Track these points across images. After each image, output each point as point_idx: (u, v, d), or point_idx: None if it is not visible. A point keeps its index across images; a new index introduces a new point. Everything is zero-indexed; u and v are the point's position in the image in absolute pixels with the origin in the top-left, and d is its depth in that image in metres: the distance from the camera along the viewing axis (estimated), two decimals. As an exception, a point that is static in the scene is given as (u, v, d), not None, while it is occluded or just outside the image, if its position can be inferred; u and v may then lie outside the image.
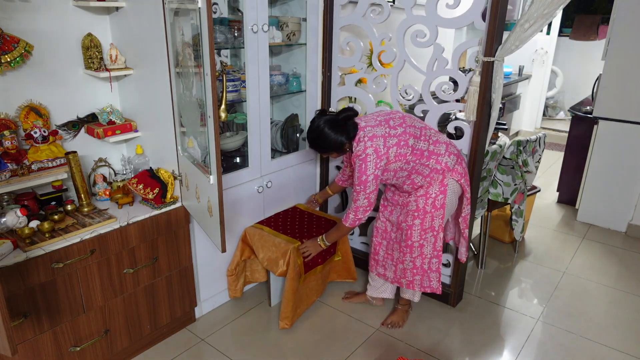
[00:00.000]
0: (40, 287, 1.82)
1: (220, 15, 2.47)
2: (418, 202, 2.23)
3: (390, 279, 2.50)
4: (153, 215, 2.14)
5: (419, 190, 2.22)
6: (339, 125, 2.09)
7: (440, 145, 2.19)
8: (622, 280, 3.02)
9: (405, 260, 2.36)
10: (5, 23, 1.91)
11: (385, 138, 2.07)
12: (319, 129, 2.10)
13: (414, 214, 2.25)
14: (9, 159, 1.96)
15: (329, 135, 2.09)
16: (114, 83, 2.33)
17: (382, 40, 2.53)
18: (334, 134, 2.08)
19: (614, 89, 3.45)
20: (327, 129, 2.08)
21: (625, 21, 3.30)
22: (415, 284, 2.40)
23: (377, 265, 2.54)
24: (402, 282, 2.44)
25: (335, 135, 2.09)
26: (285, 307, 2.44)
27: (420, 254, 2.32)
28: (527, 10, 2.02)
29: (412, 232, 2.27)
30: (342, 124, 2.09)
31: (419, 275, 2.38)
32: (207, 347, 2.38)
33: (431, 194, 2.20)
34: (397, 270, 2.44)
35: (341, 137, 2.09)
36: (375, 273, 2.56)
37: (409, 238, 2.29)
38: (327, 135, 2.09)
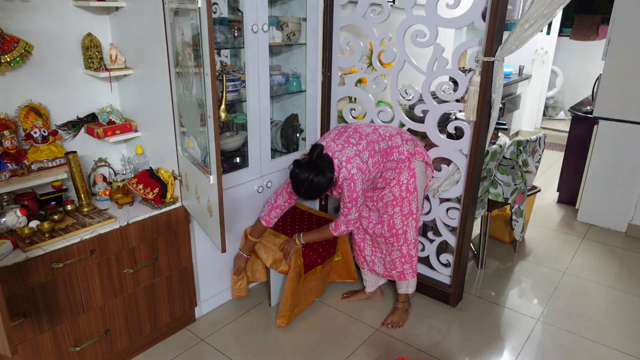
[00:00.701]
0: (40, 287, 1.82)
1: (220, 15, 2.47)
2: (393, 191, 2.29)
3: (381, 274, 2.57)
4: (153, 215, 2.14)
5: (391, 182, 2.28)
6: (319, 166, 2.08)
7: (395, 137, 2.29)
8: (622, 280, 3.02)
9: (393, 251, 2.43)
10: (5, 23, 1.91)
11: (358, 156, 2.15)
12: (307, 180, 2.08)
13: (392, 204, 2.31)
14: (8, 159, 1.96)
15: (319, 180, 2.08)
16: (114, 83, 2.33)
17: (382, 40, 2.53)
18: (322, 177, 2.08)
19: (614, 89, 3.45)
20: (313, 177, 2.07)
21: (625, 21, 3.30)
22: (406, 273, 2.47)
23: (366, 262, 2.59)
24: (393, 275, 2.50)
25: (323, 177, 2.08)
26: (283, 306, 2.44)
27: (405, 240, 2.40)
28: (527, 10, 2.02)
29: (395, 221, 2.34)
30: (319, 163, 2.09)
31: (407, 264, 2.45)
32: (207, 347, 2.38)
33: (403, 180, 2.27)
34: (386, 264, 2.51)
35: (328, 174, 2.09)
36: (367, 269, 2.62)
37: (392, 227, 2.36)
38: (317, 181, 2.08)
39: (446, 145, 2.47)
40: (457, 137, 2.48)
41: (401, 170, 2.27)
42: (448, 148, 2.47)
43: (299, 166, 2.11)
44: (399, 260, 2.44)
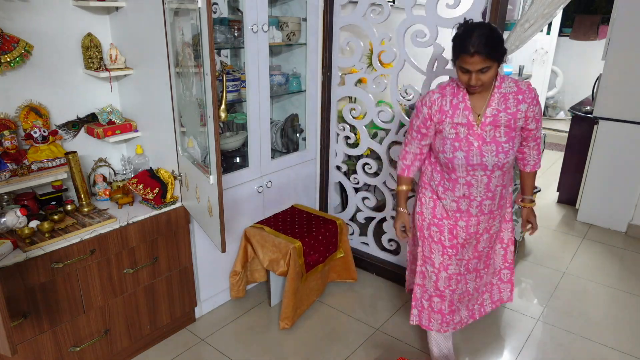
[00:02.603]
0: (40, 287, 1.82)
1: (220, 15, 2.47)
2: (505, 213, 2.14)
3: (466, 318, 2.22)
4: (153, 215, 2.14)
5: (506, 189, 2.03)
6: None
7: None
8: (622, 280, 3.02)
9: (502, 272, 2.25)
10: (5, 23, 1.91)
11: None
12: (488, 25, 1.68)
13: (503, 220, 2.14)
14: (8, 159, 1.96)
15: (500, 33, 1.68)
16: (114, 83, 2.33)
17: (382, 40, 2.53)
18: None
19: (614, 89, 3.45)
20: (495, 27, 1.69)
21: (625, 21, 3.30)
22: (505, 292, 2.31)
23: (454, 315, 2.14)
24: (486, 305, 2.30)
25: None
26: (285, 307, 2.44)
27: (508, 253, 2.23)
28: (527, 10, 2.02)
29: (504, 235, 2.18)
30: None
31: (511, 281, 2.28)
32: (207, 347, 2.38)
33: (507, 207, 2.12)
34: (480, 296, 2.26)
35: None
36: (451, 328, 2.14)
37: (502, 241, 2.19)
38: (499, 32, 1.68)
39: (446, 145, 2.47)
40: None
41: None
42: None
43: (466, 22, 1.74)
44: (500, 280, 2.27)
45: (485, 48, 1.62)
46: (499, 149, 1.80)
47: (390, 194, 2.81)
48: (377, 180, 2.81)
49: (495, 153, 1.81)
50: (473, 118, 1.80)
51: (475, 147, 1.81)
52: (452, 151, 1.84)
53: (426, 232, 2.04)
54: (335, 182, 3.08)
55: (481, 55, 1.62)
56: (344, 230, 2.73)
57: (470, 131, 1.81)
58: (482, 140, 1.81)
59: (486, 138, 1.80)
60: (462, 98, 1.81)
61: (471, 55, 1.63)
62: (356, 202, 2.98)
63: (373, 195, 2.92)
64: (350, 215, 3.07)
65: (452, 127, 1.83)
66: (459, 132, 1.82)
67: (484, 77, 1.69)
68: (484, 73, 1.67)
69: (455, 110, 1.82)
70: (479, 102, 1.81)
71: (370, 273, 3.02)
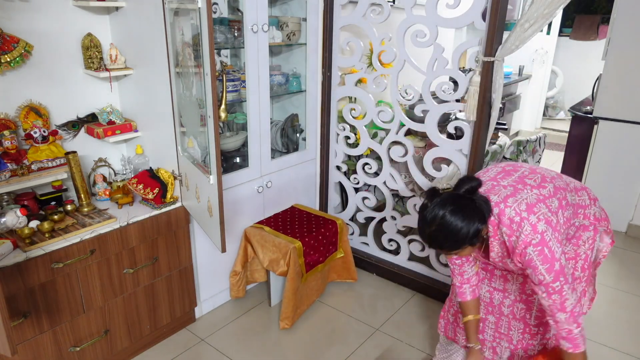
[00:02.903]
0: (40, 287, 1.82)
1: (220, 15, 2.47)
2: None
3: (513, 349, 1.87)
4: (153, 215, 2.14)
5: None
6: (465, 204, 1.46)
7: (581, 192, 1.69)
8: (622, 280, 3.02)
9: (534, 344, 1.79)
10: (5, 23, 1.91)
11: (543, 202, 1.49)
12: (439, 218, 1.44)
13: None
14: (8, 159, 1.96)
15: (456, 222, 1.43)
16: (114, 83, 2.33)
17: (382, 40, 2.53)
18: (462, 220, 1.43)
19: (614, 89, 3.45)
20: (451, 216, 1.43)
21: (625, 21, 3.30)
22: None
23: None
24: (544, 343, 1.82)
25: (464, 221, 1.43)
26: (286, 307, 2.44)
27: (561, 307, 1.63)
28: (527, 10, 2.02)
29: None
30: (468, 202, 1.46)
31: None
32: (207, 347, 2.38)
33: (580, 255, 1.70)
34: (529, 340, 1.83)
35: (474, 222, 1.44)
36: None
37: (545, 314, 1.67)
38: (452, 223, 1.43)
39: (446, 145, 2.47)
40: (457, 137, 2.48)
41: (579, 242, 1.66)
42: (448, 148, 2.47)
43: (432, 196, 1.50)
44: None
45: (436, 245, 1.50)
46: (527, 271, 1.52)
47: (390, 194, 2.81)
48: (377, 180, 2.81)
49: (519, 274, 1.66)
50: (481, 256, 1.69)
51: (498, 273, 1.74)
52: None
53: None
54: (335, 182, 3.08)
55: (437, 249, 1.53)
56: (344, 230, 2.73)
57: (484, 265, 1.76)
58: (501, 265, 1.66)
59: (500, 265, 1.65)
60: None
61: (429, 246, 1.55)
62: (356, 202, 2.98)
63: (373, 195, 2.92)
64: (350, 215, 3.07)
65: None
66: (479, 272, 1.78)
67: (462, 254, 1.55)
68: (459, 254, 1.53)
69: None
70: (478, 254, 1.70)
71: (370, 273, 3.02)
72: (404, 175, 2.80)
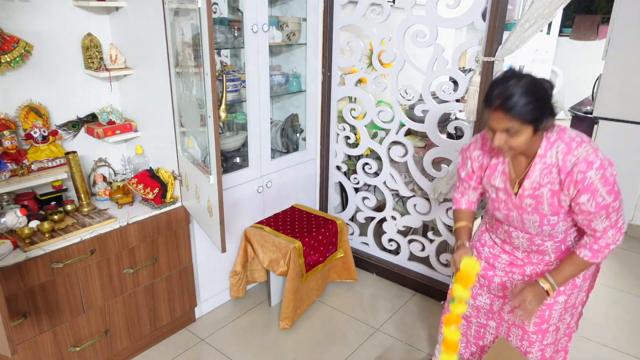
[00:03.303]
0: (40, 287, 1.82)
1: (220, 15, 2.47)
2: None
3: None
4: (153, 215, 2.14)
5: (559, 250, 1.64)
6: (548, 89, 1.40)
7: None
8: (622, 280, 3.02)
9: (532, 352, 1.72)
10: (5, 23, 1.91)
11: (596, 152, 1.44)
12: (526, 77, 1.37)
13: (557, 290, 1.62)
14: (8, 159, 1.96)
15: (539, 91, 1.36)
16: (114, 83, 2.33)
17: (382, 40, 2.53)
18: (543, 93, 1.37)
19: (614, 89, 3.45)
20: (536, 82, 1.37)
21: (625, 21, 3.30)
22: None
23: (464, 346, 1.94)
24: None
25: (546, 97, 1.38)
26: (285, 307, 2.44)
27: (554, 340, 1.72)
28: (527, 10, 2.02)
29: (552, 313, 1.66)
30: (549, 89, 1.40)
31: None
32: (207, 347, 2.38)
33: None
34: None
35: (550, 104, 1.39)
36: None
37: (544, 321, 1.67)
38: (537, 90, 1.36)
39: (446, 145, 2.47)
40: (457, 137, 2.48)
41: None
42: (448, 148, 2.47)
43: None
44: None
45: (511, 103, 1.34)
46: (543, 221, 1.52)
47: (390, 194, 2.81)
48: (377, 180, 2.81)
49: (539, 224, 1.54)
50: (510, 187, 1.55)
51: (515, 214, 1.57)
52: (492, 209, 1.65)
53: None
54: (335, 182, 3.08)
55: (505, 112, 1.35)
56: (344, 230, 2.73)
57: (507, 199, 1.57)
58: (521, 210, 1.55)
59: (526, 208, 1.53)
60: (502, 159, 1.57)
61: (493, 110, 1.38)
62: (356, 202, 2.98)
63: (373, 195, 2.92)
64: (350, 215, 3.07)
65: (492, 186, 1.62)
66: (498, 194, 1.60)
67: (512, 142, 1.41)
68: (512, 136, 1.39)
69: (493, 172, 1.59)
70: (518, 168, 1.54)
71: (370, 273, 3.02)
72: (404, 175, 2.80)
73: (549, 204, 1.49)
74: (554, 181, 1.46)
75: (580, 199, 1.43)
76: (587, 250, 1.49)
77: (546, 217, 1.51)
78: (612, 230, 1.49)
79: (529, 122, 1.36)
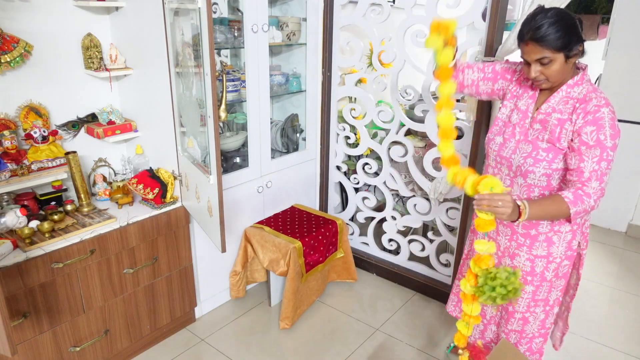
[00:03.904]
0: (40, 287, 1.82)
1: (220, 15, 2.47)
2: (535, 264, 1.67)
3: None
4: (153, 215, 2.14)
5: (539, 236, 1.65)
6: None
7: None
8: (622, 280, 3.02)
9: (534, 341, 1.80)
10: (5, 23, 1.91)
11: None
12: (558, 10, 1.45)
13: (525, 277, 1.70)
14: (8, 159, 1.96)
15: (571, 21, 1.43)
16: (114, 83, 2.33)
17: (382, 40, 2.53)
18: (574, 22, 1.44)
19: (614, 89, 3.45)
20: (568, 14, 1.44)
21: (625, 21, 3.30)
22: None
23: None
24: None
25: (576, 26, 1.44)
26: (285, 307, 2.44)
27: (521, 330, 1.78)
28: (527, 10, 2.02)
29: (551, 295, 1.73)
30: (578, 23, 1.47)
31: None
32: (207, 347, 2.38)
33: (555, 256, 1.65)
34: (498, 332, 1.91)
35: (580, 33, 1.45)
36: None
37: (510, 304, 1.76)
38: (569, 20, 1.43)
39: (446, 145, 2.46)
40: (457, 137, 2.47)
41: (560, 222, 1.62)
42: (448, 148, 2.46)
43: None
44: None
45: (541, 33, 1.40)
46: (532, 153, 1.56)
47: (390, 194, 2.81)
48: (377, 180, 2.81)
49: (527, 155, 1.57)
50: (532, 109, 1.61)
51: (514, 140, 1.62)
52: (494, 133, 1.69)
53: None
54: (335, 182, 3.08)
55: (536, 42, 1.42)
56: (344, 230, 2.73)
57: (521, 121, 1.62)
58: (524, 136, 1.60)
59: (529, 136, 1.59)
60: (533, 91, 1.64)
61: (525, 43, 1.46)
62: (356, 202, 2.98)
63: (373, 195, 2.92)
64: (350, 215, 3.07)
65: (511, 109, 1.66)
66: (512, 118, 1.65)
67: (547, 71, 1.47)
68: (546, 66, 1.46)
69: (524, 93, 1.64)
70: (544, 96, 1.60)
71: (370, 273, 3.02)
72: (404, 175, 2.80)
73: (550, 131, 1.54)
74: (565, 110, 1.52)
75: (585, 129, 1.46)
76: (569, 193, 1.48)
77: (538, 150, 1.55)
78: (596, 182, 1.47)
79: (559, 49, 1.42)
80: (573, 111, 1.50)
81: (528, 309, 1.74)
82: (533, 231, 1.65)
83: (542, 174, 1.56)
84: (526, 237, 1.67)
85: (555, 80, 1.50)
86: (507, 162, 1.64)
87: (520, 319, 1.76)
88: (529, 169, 1.57)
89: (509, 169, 1.64)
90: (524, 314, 1.75)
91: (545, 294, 1.71)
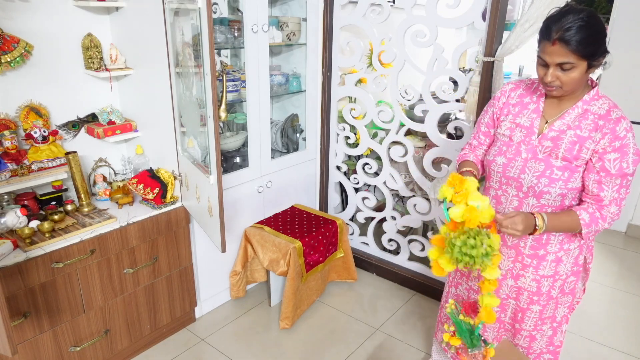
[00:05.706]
0: (40, 287, 1.82)
1: (220, 15, 2.48)
2: (541, 284, 1.60)
3: None
4: (153, 215, 2.14)
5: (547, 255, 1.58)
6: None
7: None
8: (622, 280, 3.02)
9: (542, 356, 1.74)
10: (5, 23, 1.91)
11: None
12: (588, 12, 1.34)
13: (531, 297, 1.63)
14: (9, 159, 1.96)
15: (600, 26, 1.35)
16: (114, 83, 2.33)
17: (382, 40, 2.53)
18: (603, 29, 1.36)
19: (614, 89, 3.45)
20: (597, 18, 1.35)
21: (625, 21, 3.30)
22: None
23: None
24: None
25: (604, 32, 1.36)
26: (285, 307, 2.44)
27: (528, 347, 1.71)
28: (527, 10, 2.02)
29: (524, 318, 1.67)
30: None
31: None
32: (207, 347, 2.38)
33: (562, 274, 1.60)
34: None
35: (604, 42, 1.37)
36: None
37: (517, 321, 1.69)
38: (598, 25, 1.34)
39: (446, 145, 2.47)
40: (457, 137, 2.48)
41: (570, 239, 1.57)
42: (448, 148, 2.47)
43: None
44: None
45: (571, 36, 1.30)
46: (546, 172, 1.46)
47: (390, 194, 2.81)
48: (377, 180, 2.81)
49: (540, 174, 1.46)
50: (538, 124, 1.51)
51: (520, 159, 1.51)
52: (494, 154, 1.59)
53: None
54: (335, 182, 3.08)
55: (564, 45, 1.31)
56: (344, 230, 2.73)
57: (526, 139, 1.51)
58: (533, 154, 1.49)
59: (538, 154, 1.48)
60: (536, 99, 1.54)
61: (552, 43, 1.34)
62: (356, 202, 2.98)
63: (373, 195, 2.92)
64: (350, 215, 3.07)
65: (509, 128, 1.56)
66: (513, 136, 1.54)
67: (564, 77, 1.37)
68: (565, 71, 1.36)
69: (523, 110, 1.55)
70: (553, 110, 1.50)
71: (370, 273, 3.02)
72: (404, 175, 2.80)
73: (565, 149, 1.44)
74: (585, 127, 1.43)
75: (609, 156, 1.40)
76: (586, 213, 1.43)
77: (552, 168, 1.46)
78: (615, 208, 1.43)
79: (586, 56, 1.33)
80: (595, 129, 1.42)
81: (535, 327, 1.67)
82: (542, 251, 1.58)
83: (558, 194, 1.47)
84: (533, 258, 1.59)
85: (569, 89, 1.41)
86: (515, 183, 1.53)
87: (527, 337, 1.70)
88: (543, 189, 1.47)
89: (518, 189, 1.54)
90: (531, 332, 1.68)
91: (552, 311, 1.65)
